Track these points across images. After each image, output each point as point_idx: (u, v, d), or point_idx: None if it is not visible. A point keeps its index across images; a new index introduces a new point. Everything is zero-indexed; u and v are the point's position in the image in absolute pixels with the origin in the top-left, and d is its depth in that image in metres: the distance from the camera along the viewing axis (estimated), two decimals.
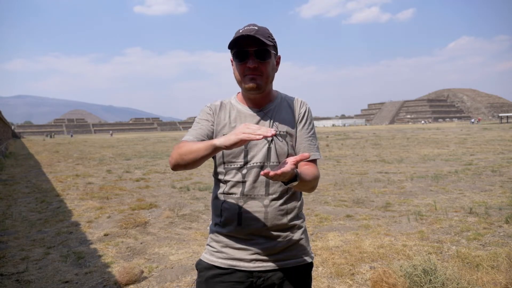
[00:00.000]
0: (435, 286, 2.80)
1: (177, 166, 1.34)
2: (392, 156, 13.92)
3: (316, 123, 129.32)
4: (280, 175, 1.11)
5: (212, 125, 1.44)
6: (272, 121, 1.43)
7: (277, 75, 1.47)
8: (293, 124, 1.45)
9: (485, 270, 3.18)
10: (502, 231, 4.40)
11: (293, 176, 1.19)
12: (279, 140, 1.40)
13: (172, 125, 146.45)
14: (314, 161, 1.45)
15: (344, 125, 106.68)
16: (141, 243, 4.45)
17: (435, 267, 2.96)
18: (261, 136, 1.11)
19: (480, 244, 3.98)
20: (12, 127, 77.89)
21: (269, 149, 1.38)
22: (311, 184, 1.35)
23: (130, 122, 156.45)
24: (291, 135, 1.43)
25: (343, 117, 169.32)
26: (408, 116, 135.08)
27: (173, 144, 27.42)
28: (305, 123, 1.46)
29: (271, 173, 1.10)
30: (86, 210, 6.24)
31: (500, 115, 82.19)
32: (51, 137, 76.96)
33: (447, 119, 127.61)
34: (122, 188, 8.38)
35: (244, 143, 1.17)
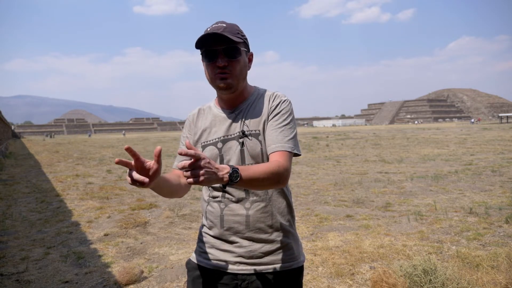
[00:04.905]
0: (435, 286, 2.80)
1: (176, 197, 1.41)
2: (392, 156, 13.91)
3: (316, 123, 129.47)
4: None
5: (193, 140, 1.45)
6: (243, 121, 1.38)
7: (277, 75, 1.38)
8: (265, 120, 1.37)
9: (485, 270, 3.18)
10: (502, 231, 4.39)
11: (228, 179, 1.07)
12: (249, 139, 1.35)
13: (172, 125, 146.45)
14: (286, 154, 1.29)
15: (334, 125, 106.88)
16: (141, 243, 4.45)
17: (435, 267, 2.96)
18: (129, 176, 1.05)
19: (480, 244, 3.98)
20: (12, 127, 77.87)
21: (241, 151, 1.35)
22: (265, 180, 1.18)
23: (130, 122, 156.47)
24: (264, 133, 1.37)
25: (343, 117, 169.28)
26: (408, 116, 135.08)
27: (173, 144, 27.43)
28: (277, 114, 1.35)
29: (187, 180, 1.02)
30: (86, 210, 6.24)
31: (500, 115, 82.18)
32: (51, 137, 76.95)
33: (447, 119, 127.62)
34: (122, 188, 8.38)
35: (143, 180, 1.05)
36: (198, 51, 1.36)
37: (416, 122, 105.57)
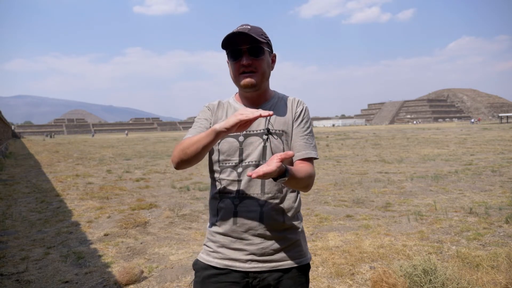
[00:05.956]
0: (435, 286, 2.80)
1: (181, 163, 1.34)
2: (392, 156, 13.91)
3: (316, 123, 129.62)
4: (262, 175, 1.09)
5: (210, 123, 1.45)
6: (267, 120, 1.42)
7: (277, 75, 1.46)
8: (289, 123, 1.44)
9: (485, 270, 3.18)
10: (502, 231, 4.40)
11: (282, 172, 1.18)
12: (274, 138, 1.39)
13: (172, 125, 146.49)
14: (310, 159, 1.42)
15: (334, 125, 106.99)
16: (141, 243, 4.45)
17: (435, 267, 2.96)
18: (258, 114, 1.15)
19: (480, 244, 3.98)
20: (12, 127, 77.90)
21: (264, 147, 1.38)
22: (303, 182, 1.32)
23: (130, 122, 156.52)
24: (287, 134, 1.42)
25: (343, 117, 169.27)
26: (408, 116, 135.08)
27: (173, 144, 27.42)
28: (301, 121, 1.45)
29: (253, 174, 1.09)
30: (86, 210, 6.24)
31: (500, 115, 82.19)
32: (51, 137, 76.95)
33: (447, 119, 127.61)
34: (122, 188, 8.38)
35: (243, 126, 1.20)
36: (198, 51, 1.38)
37: (415, 122, 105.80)
